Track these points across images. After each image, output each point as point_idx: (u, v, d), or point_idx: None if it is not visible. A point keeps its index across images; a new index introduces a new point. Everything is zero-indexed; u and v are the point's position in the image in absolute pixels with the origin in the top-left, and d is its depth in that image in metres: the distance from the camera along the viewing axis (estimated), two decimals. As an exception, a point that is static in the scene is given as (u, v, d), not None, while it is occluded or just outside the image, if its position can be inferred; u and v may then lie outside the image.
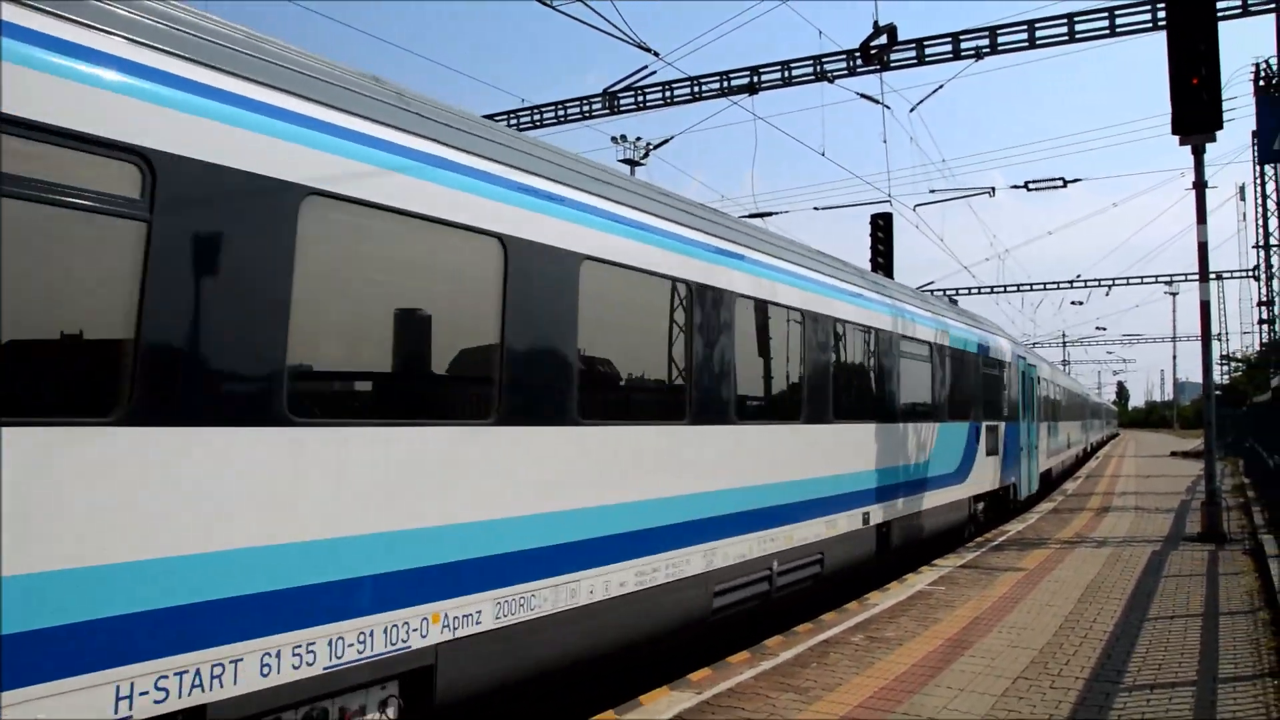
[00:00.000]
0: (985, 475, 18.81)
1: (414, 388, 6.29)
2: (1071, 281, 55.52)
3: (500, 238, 6.45)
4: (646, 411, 8.58)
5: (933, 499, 15.47)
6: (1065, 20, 21.08)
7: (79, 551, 4.07)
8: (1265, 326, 44.74)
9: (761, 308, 10.25)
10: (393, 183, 5.72)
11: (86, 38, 4.27)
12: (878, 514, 12.97)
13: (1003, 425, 20.41)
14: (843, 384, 12.22)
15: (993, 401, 19.81)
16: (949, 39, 21.87)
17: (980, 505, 19.04)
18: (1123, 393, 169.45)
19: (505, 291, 6.47)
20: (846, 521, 11.89)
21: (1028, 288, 56.58)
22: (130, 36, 4.51)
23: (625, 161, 29.88)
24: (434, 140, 6.19)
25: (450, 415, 6.27)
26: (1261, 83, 34.25)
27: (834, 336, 11.90)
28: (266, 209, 4.95)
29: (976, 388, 18.60)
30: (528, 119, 26.46)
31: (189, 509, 4.52)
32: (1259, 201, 46.15)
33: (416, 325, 6.16)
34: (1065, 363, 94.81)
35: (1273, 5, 20.62)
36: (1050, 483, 30.64)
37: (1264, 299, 45.05)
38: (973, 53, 21.70)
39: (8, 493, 3.82)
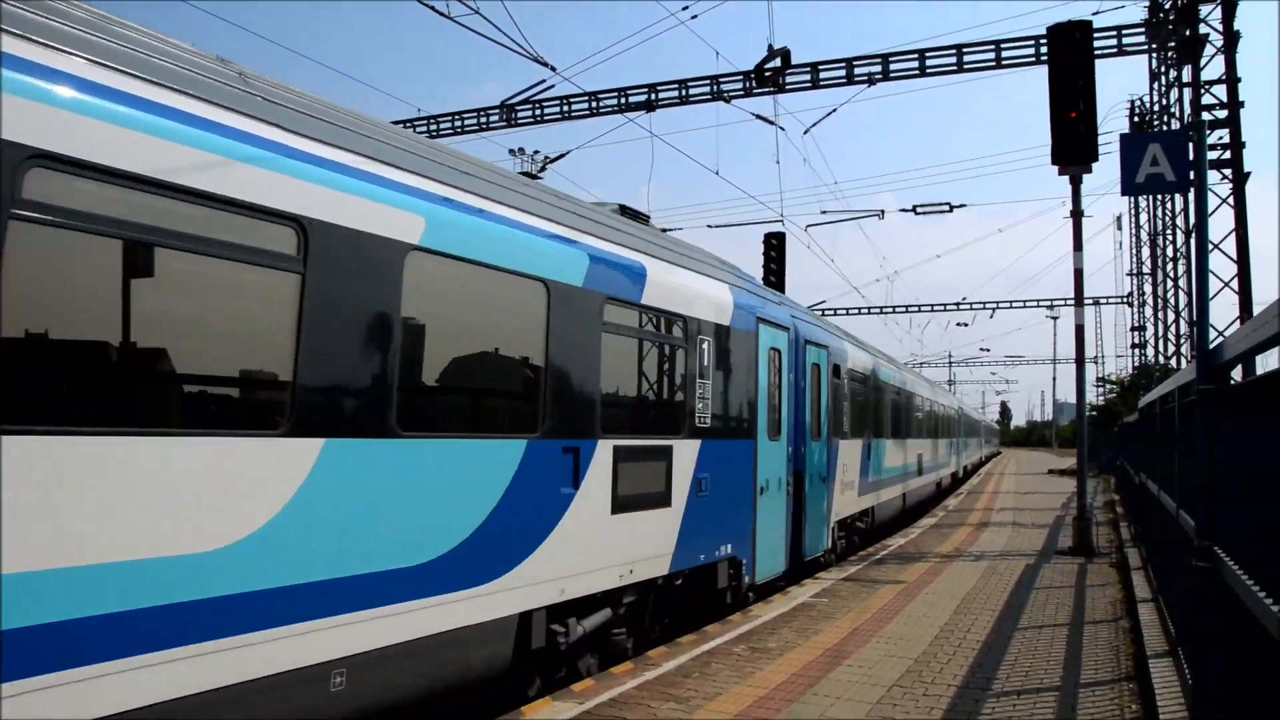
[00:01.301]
0: (609, 551, 8.98)
1: None
2: (958, 304, 57.61)
3: None
4: None
5: (296, 648, 5.74)
6: (954, 51, 21.83)
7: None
8: (1138, 350, 46.80)
9: None
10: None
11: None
12: None
13: (693, 445, 10.56)
14: None
15: (665, 400, 10.48)
16: (843, 64, 22.46)
17: (597, 620, 9.08)
18: (1005, 412, 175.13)
19: None
20: None
21: (915, 309, 58.37)
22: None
23: (523, 174, 29.78)
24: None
25: None
26: (1136, 118, 35.96)
27: None
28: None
29: (585, 368, 8.70)
30: (424, 129, 26.27)
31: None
32: (1133, 231, 48.39)
33: None
34: (951, 382, 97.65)
35: (1145, 47, 21.72)
36: (871, 531, 20.86)
37: (1137, 324, 47.15)
38: (865, 78, 22.32)
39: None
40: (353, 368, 6.18)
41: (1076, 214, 17.63)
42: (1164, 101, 30.44)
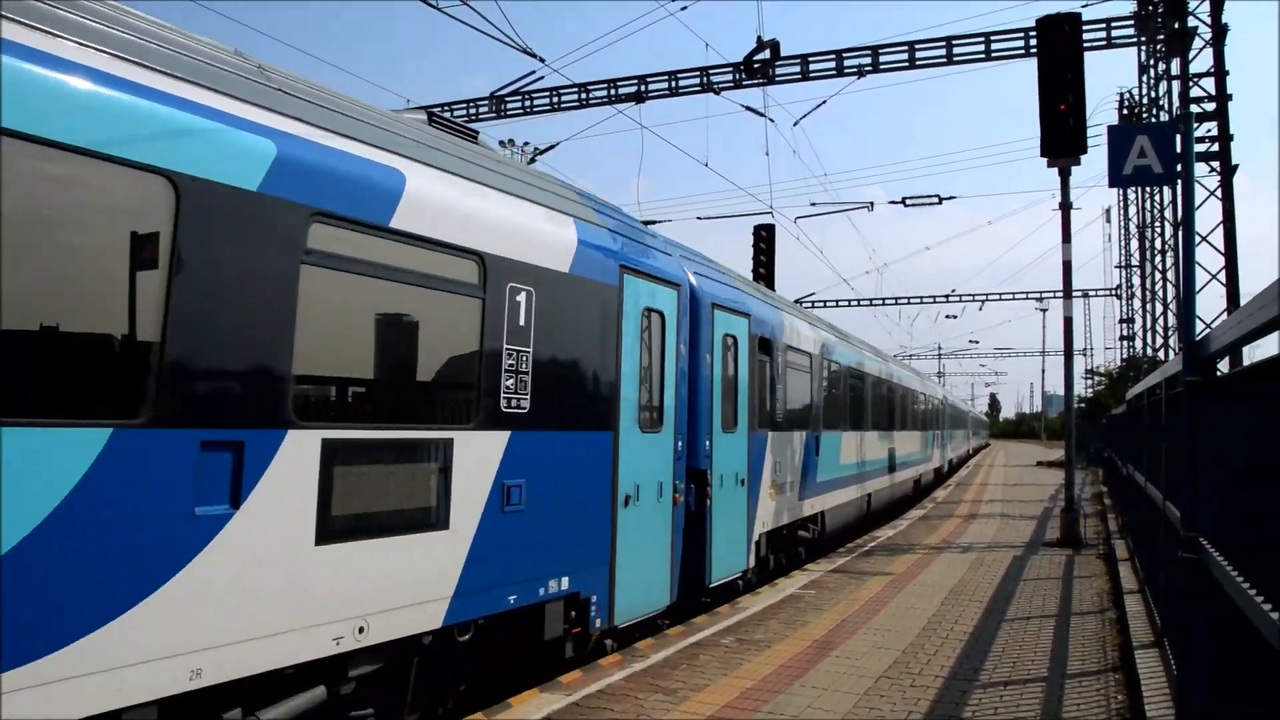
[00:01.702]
0: (312, 601, 5.70)
1: None
2: (947, 296, 57.50)
3: None
4: None
5: None
6: (944, 43, 21.82)
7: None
8: (1126, 343, 46.96)
9: None
10: None
11: None
12: None
13: (495, 439, 7.39)
14: None
15: (441, 373, 7.41)
16: (833, 56, 22.44)
17: (298, 707, 5.83)
18: (995, 404, 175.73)
19: None
20: None
21: (905, 301, 58.33)
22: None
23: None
24: None
25: None
26: (1125, 111, 36.03)
27: None
28: None
29: (262, 315, 5.48)
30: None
31: None
32: (1121, 224, 48.53)
33: None
34: (940, 374, 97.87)
35: (1134, 40, 21.75)
36: (821, 541, 17.40)
37: (1125, 316, 47.28)
38: (855, 70, 22.30)
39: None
40: None
41: (1065, 206, 17.67)
42: (1153, 94, 30.47)
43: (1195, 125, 19.09)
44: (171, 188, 4.90)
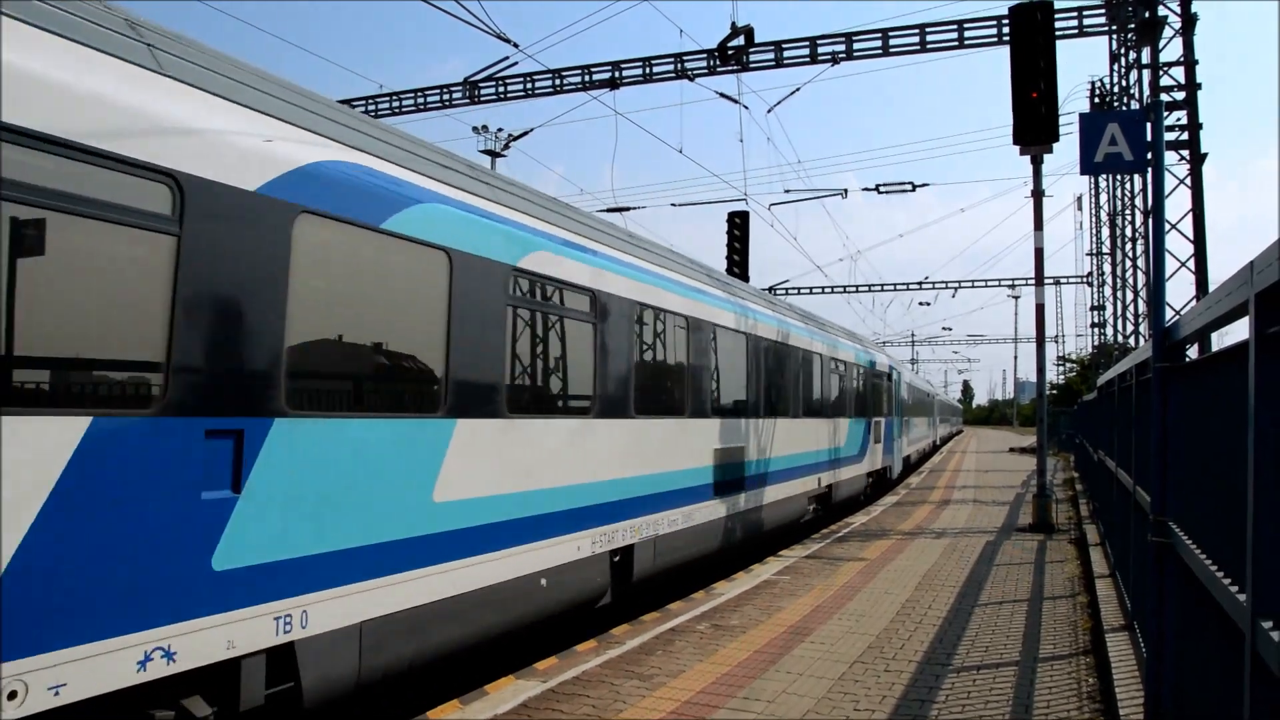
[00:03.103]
0: None
1: None
2: (920, 283, 57.77)
3: None
4: None
5: None
6: (917, 30, 21.86)
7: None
8: (1097, 329, 47.35)
9: None
10: None
11: None
12: None
13: None
14: None
15: None
16: (807, 43, 22.44)
17: None
18: (967, 391, 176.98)
19: None
20: None
21: (879, 288, 58.56)
22: None
23: (486, 152, 29.67)
24: None
25: None
26: (1097, 99, 36.25)
27: None
28: None
29: None
30: (386, 105, 26.01)
31: None
32: (1092, 212, 48.91)
33: None
34: (914, 361, 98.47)
35: (1105, 29, 21.88)
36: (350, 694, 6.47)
37: (1096, 303, 47.68)
38: (829, 57, 22.30)
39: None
40: None
41: (1037, 194, 17.82)
42: (1124, 83, 30.66)
43: (1165, 114, 19.25)
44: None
